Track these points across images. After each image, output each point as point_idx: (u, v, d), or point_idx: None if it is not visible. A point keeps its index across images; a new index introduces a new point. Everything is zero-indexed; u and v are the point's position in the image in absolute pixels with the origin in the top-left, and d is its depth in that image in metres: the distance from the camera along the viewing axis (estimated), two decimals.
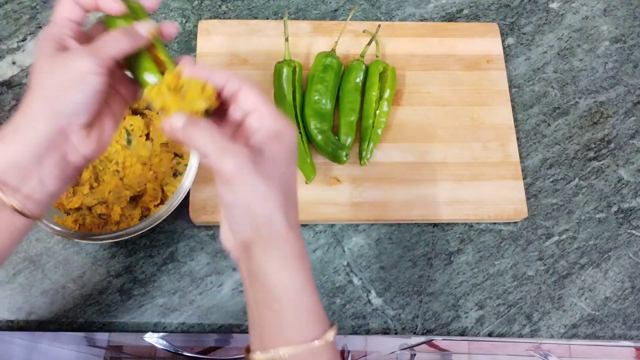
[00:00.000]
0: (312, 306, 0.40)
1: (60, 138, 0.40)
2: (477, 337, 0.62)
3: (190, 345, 1.28)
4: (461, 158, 0.68)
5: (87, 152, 0.42)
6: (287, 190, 0.40)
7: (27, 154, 0.39)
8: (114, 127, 0.45)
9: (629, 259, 0.66)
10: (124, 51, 0.41)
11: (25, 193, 0.40)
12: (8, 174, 0.39)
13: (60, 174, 0.41)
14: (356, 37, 0.73)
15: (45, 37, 0.41)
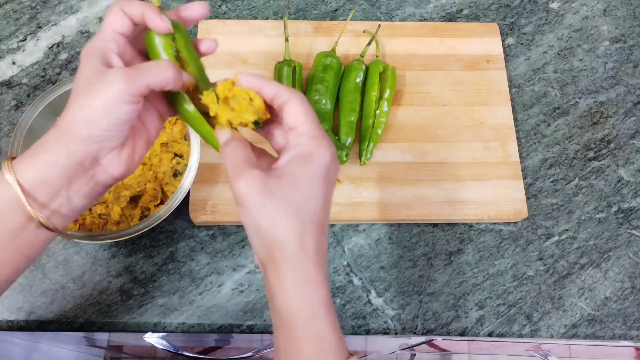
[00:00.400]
0: (327, 334, 0.39)
1: (91, 161, 0.40)
2: (477, 337, 0.62)
3: (190, 345, 1.29)
4: (461, 158, 0.68)
5: (116, 173, 0.42)
6: (307, 214, 0.39)
7: (58, 173, 0.39)
8: (146, 147, 0.44)
9: (629, 259, 0.66)
10: (162, 87, 0.40)
11: (52, 209, 0.40)
12: (37, 189, 0.39)
13: (88, 192, 0.41)
14: (356, 37, 0.73)
15: (90, 50, 0.40)
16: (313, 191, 0.39)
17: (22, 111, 0.67)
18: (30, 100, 0.68)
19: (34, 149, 0.40)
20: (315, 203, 0.39)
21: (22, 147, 0.58)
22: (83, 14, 0.74)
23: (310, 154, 0.39)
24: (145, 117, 0.44)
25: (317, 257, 0.40)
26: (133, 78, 0.38)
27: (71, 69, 0.70)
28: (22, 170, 0.39)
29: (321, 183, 0.40)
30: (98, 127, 0.39)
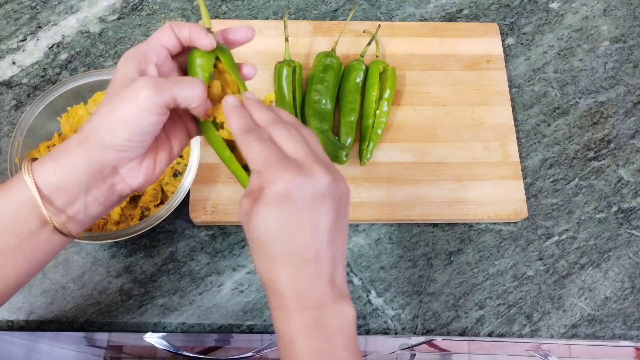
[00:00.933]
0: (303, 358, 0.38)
1: (110, 170, 0.40)
2: (477, 337, 0.62)
3: (190, 345, 1.29)
4: (461, 158, 0.68)
5: (134, 184, 0.42)
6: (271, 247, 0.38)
7: (76, 179, 0.39)
8: (168, 161, 0.44)
9: (629, 259, 0.66)
10: (188, 103, 0.40)
11: (68, 214, 0.40)
12: (55, 194, 0.39)
13: (105, 201, 0.41)
14: (356, 37, 0.73)
15: (130, 54, 0.40)
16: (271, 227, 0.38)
17: (22, 111, 0.68)
18: (30, 100, 0.68)
19: (55, 152, 0.40)
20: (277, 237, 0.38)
21: (22, 147, 0.58)
22: (83, 14, 0.74)
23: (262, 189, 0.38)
24: (171, 132, 0.44)
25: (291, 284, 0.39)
26: (161, 88, 0.38)
27: (71, 69, 0.70)
28: (42, 173, 0.39)
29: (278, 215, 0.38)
30: (121, 136, 0.38)
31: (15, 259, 0.39)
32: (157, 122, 0.39)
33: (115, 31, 0.73)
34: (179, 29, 0.42)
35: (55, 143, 0.61)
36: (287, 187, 0.37)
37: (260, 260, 0.39)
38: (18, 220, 0.38)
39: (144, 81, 0.38)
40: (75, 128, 0.62)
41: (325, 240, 0.39)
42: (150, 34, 0.73)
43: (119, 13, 0.74)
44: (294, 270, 0.39)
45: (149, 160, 0.42)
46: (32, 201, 0.38)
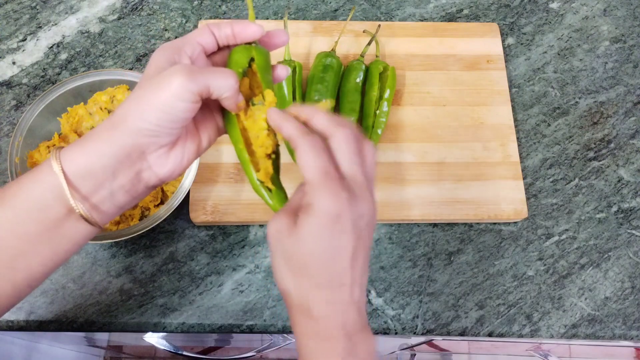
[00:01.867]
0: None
1: (138, 155, 0.39)
2: (477, 337, 0.62)
3: (190, 345, 1.29)
4: (461, 158, 0.68)
5: (162, 173, 0.41)
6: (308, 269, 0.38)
7: (103, 164, 0.38)
8: (195, 155, 0.43)
9: (629, 259, 0.66)
10: (220, 93, 0.39)
11: (93, 202, 0.39)
12: (81, 180, 0.38)
13: (131, 189, 0.40)
14: (356, 37, 0.73)
15: (164, 46, 0.40)
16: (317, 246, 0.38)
17: (22, 111, 0.68)
18: (30, 100, 0.68)
19: (83, 138, 0.39)
20: (322, 258, 0.38)
21: (22, 147, 0.58)
22: (83, 14, 0.74)
23: (310, 205, 0.38)
24: (202, 125, 0.44)
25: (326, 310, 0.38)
26: (195, 75, 0.38)
27: (71, 69, 0.70)
28: (69, 159, 0.38)
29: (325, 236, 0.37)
30: (152, 121, 0.38)
31: (40, 247, 0.39)
32: (189, 109, 0.38)
33: (115, 31, 0.73)
34: (219, 29, 0.42)
35: (55, 143, 0.61)
36: (340, 209, 0.37)
37: (299, 280, 0.38)
38: (44, 207, 0.38)
39: (178, 67, 0.38)
40: (75, 128, 0.62)
41: (360, 267, 0.39)
42: (151, 34, 0.73)
43: (119, 13, 0.74)
44: (330, 296, 0.38)
45: (178, 150, 0.41)
46: (59, 188, 0.38)
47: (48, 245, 0.39)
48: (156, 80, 0.38)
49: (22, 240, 0.38)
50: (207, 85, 0.38)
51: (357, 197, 0.38)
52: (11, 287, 0.39)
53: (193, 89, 0.37)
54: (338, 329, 0.38)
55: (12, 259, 0.38)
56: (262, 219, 0.63)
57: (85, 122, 0.62)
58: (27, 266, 0.39)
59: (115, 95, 0.62)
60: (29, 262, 0.39)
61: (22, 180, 0.39)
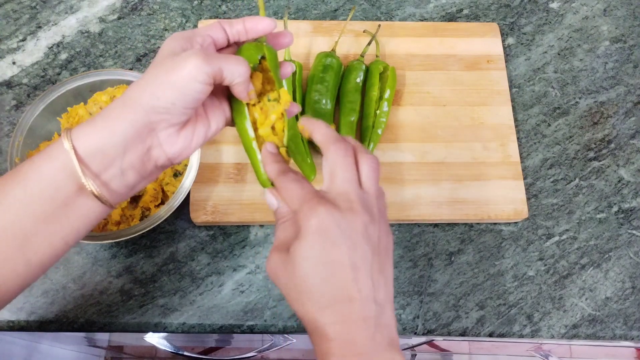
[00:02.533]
0: None
1: (148, 131, 0.40)
2: (478, 337, 0.62)
3: (190, 345, 1.29)
4: (461, 158, 0.68)
5: (171, 152, 0.42)
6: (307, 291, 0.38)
7: (114, 142, 0.39)
8: (204, 138, 0.44)
9: (630, 259, 0.66)
10: (232, 78, 0.40)
11: (103, 179, 0.39)
12: (92, 157, 0.38)
13: (141, 167, 0.41)
14: (356, 37, 0.73)
15: (176, 34, 0.41)
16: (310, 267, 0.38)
17: (22, 111, 0.68)
18: (30, 100, 0.68)
19: (95, 117, 0.40)
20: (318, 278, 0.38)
21: (22, 147, 0.58)
22: (83, 14, 0.74)
23: (299, 229, 0.39)
24: (210, 111, 0.44)
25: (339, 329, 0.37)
26: (211, 58, 0.39)
27: (71, 68, 0.70)
28: (80, 137, 0.38)
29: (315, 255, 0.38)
30: (166, 99, 0.38)
31: (52, 226, 0.39)
32: (202, 91, 0.39)
33: (115, 31, 0.73)
34: (230, 25, 0.43)
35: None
36: (323, 220, 0.38)
37: (305, 306, 0.38)
38: (55, 186, 0.38)
39: (195, 51, 0.39)
40: None
41: (367, 279, 0.38)
42: (151, 33, 0.73)
43: (119, 13, 0.74)
44: (340, 313, 0.37)
45: (188, 131, 0.42)
46: (70, 166, 0.38)
47: (59, 224, 0.39)
48: (171, 61, 0.39)
49: (34, 220, 0.38)
50: (221, 69, 0.39)
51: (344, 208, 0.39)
52: (24, 268, 0.39)
53: (208, 70, 0.38)
54: (352, 349, 0.37)
55: (24, 238, 0.38)
56: (262, 219, 0.63)
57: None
58: (40, 245, 0.39)
59: (115, 95, 0.62)
60: (42, 242, 0.39)
61: (33, 159, 0.39)
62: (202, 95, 0.40)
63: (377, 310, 0.38)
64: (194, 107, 0.40)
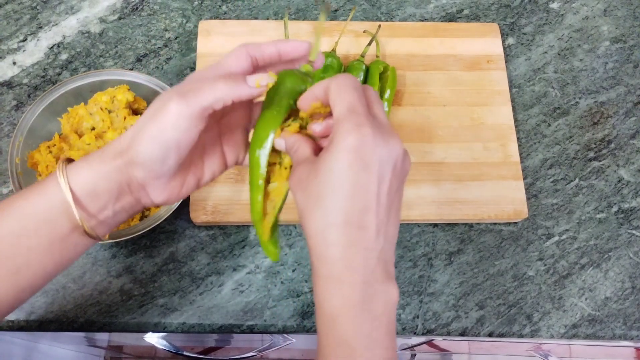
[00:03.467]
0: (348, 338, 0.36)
1: (136, 186, 0.40)
2: (478, 337, 0.62)
3: (190, 345, 1.29)
4: (461, 158, 0.68)
5: (157, 200, 0.42)
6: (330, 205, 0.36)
7: (108, 188, 0.39)
8: (195, 186, 0.43)
9: (630, 259, 0.66)
10: (219, 100, 0.38)
11: (99, 219, 0.41)
12: (87, 199, 0.39)
13: (130, 209, 0.42)
14: (356, 37, 0.73)
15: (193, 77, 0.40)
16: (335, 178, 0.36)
17: (23, 111, 0.68)
18: (30, 100, 0.68)
19: (91, 157, 0.40)
20: (339, 192, 0.35)
21: (22, 148, 0.58)
22: (83, 14, 0.74)
23: (331, 140, 0.36)
24: (208, 157, 0.44)
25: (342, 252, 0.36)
26: (189, 97, 0.37)
27: (71, 69, 0.70)
28: (76, 176, 0.39)
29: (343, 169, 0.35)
30: (149, 154, 0.38)
31: (44, 258, 0.40)
32: (186, 139, 0.38)
33: (115, 31, 0.73)
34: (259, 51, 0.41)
35: (55, 143, 0.61)
36: (361, 143, 0.35)
37: (317, 218, 0.36)
38: (50, 221, 0.39)
39: (172, 93, 0.38)
40: (75, 128, 0.62)
41: (384, 212, 0.37)
42: (151, 34, 0.73)
43: (119, 13, 0.74)
44: (348, 237, 0.36)
45: (177, 182, 0.42)
46: (65, 204, 0.39)
47: (51, 257, 0.40)
48: (153, 109, 0.38)
49: (27, 252, 0.39)
50: (202, 104, 0.37)
51: (386, 136, 0.36)
52: (14, 293, 0.40)
53: (190, 112, 0.37)
54: (353, 275, 0.36)
55: (16, 268, 0.39)
56: None
57: (85, 122, 0.62)
58: (31, 275, 0.40)
59: (115, 95, 0.62)
60: (33, 271, 0.40)
61: (28, 192, 0.40)
62: (187, 143, 0.38)
63: (384, 244, 0.37)
64: (180, 157, 0.39)
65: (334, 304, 0.36)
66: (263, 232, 0.43)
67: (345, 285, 0.36)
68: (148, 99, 0.64)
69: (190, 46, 0.72)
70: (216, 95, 0.38)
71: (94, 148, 0.61)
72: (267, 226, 0.43)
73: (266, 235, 0.43)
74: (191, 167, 0.43)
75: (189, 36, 0.73)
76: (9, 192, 0.63)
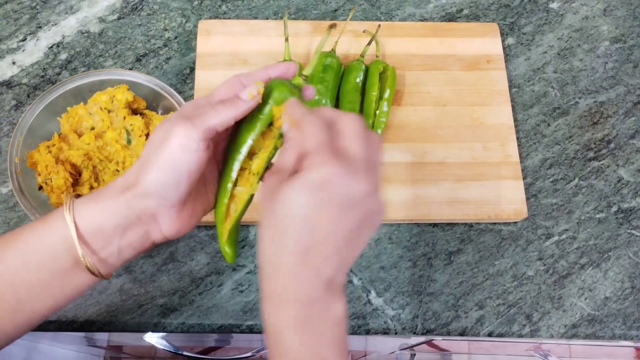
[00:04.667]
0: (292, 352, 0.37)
1: (148, 216, 0.40)
2: (477, 337, 0.62)
3: (190, 345, 1.29)
4: (461, 158, 0.68)
5: (168, 233, 0.42)
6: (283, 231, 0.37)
7: (115, 223, 0.39)
8: (203, 213, 0.43)
9: (629, 259, 0.66)
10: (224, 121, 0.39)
11: (101, 256, 0.40)
12: (92, 235, 0.39)
13: (138, 246, 0.41)
14: (356, 37, 0.73)
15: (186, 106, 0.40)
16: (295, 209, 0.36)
17: (22, 111, 0.67)
18: (30, 100, 0.68)
19: (98, 193, 0.40)
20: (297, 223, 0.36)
21: (22, 147, 0.58)
22: (83, 14, 0.74)
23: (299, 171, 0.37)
24: (209, 185, 0.44)
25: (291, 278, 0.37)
26: (195, 120, 0.38)
27: (71, 69, 0.70)
28: (83, 213, 0.39)
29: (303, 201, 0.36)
30: (158, 181, 0.38)
31: (45, 293, 0.40)
32: (196, 161, 0.38)
33: (115, 31, 0.73)
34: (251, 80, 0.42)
35: (55, 143, 0.61)
36: (331, 177, 0.35)
37: (269, 239, 0.37)
38: (53, 257, 0.39)
39: (174, 119, 0.38)
40: (75, 128, 0.62)
41: (340, 245, 0.37)
42: (151, 34, 0.73)
43: (119, 13, 0.74)
44: (298, 264, 0.37)
45: (187, 210, 0.42)
46: (69, 240, 0.39)
47: (52, 292, 0.40)
48: (157, 137, 0.38)
49: (28, 287, 0.39)
50: (210, 126, 0.38)
51: (354, 173, 0.36)
52: (12, 327, 0.41)
53: (197, 135, 0.38)
54: (296, 295, 0.37)
55: (17, 303, 0.39)
56: None
57: (85, 121, 0.62)
58: (30, 310, 0.40)
59: (115, 95, 0.62)
60: (32, 306, 0.40)
61: (34, 226, 0.40)
62: (197, 166, 0.39)
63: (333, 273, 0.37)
64: (191, 182, 0.39)
65: (279, 321, 0.38)
66: (222, 232, 0.44)
67: (290, 306, 0.37)
68: (148, 98, 0.64)
69: (189, 46, 0.72)
70: (220, 116, 0.39)
71: (94, 148, 0.61)
72: (227, 227, 0.44)
73: (224, 236, 0.44)
74: (198, 196, 0.43)
75: (188, 36, 0.73)
76: (8, 191, 0.63)
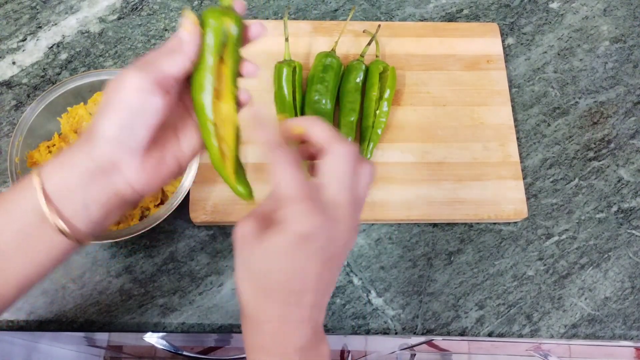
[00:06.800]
0: None
1: (109, 164, 0.39)
2: (477, 337, 0.62)
3: (190, 345, 1.29)
4: (461, 158, 0.68)
5: (136, 184, 0.40)
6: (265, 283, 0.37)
7: (76, 178, 0.38)
8: (176, 163, 0.42)
9: (629, 259, 0.66)
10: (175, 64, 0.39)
11: (68, 213, 0.39)
12: (56, 192, 0.38)
13: (106, 202, 0.40)
14: (356, 37, 0.73)
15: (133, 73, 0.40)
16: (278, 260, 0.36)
17: (22, 111, 0.68)
18: (30, 100, 0.68)
19: (64, 150, 0.40)
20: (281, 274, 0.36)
21: (22, 147, 0.58)
22: (83, 14, 0.74)
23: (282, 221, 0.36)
24: (182, 134, 0.43)
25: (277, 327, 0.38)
26: (146, 68, 0.38)
27: (71, 69, 0.70)
28: (48, 170, 0.39)
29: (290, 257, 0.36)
30: (114, 124, 0.38)
31: (20, 255, 0.39)
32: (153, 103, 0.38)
33: (115, 31, 0.73)
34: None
35: (55, 143, 0.61)
36: (314, 230, 0.35)
37: (252, 293, 0.38)
38: (21, 216, 0.39)
39: (127, 69, 0.38)
40: (75, 128, 0.62)
41: (323, 291, 0.38)
42: (151, 34, 0.73)
43: (119, 13, 0.74)
44: (284, 313, 0.37)
45: (154, 159, 0.40)
46: (35, 200, 0.38)
47: (27, 254, 0.39)
48: (113, 85, 0.38)
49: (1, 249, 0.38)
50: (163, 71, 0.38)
51: (334, 222, 0.37)
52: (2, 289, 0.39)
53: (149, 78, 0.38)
54: (287, 347, 0.38)
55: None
56: None
57: (85, 122, 0.62)
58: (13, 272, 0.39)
59: None
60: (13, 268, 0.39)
61: (4, 193, 0.40)
62: (154, 111, 0.38)
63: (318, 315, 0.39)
64: (149, 127, 0.39)
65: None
66: (228, 176, 0.42)
67: (280, 357, 0.38)
68: None
69: None
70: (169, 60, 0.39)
71: None
72: (229, 169, 0.42)
73: (232, 178, 0.42)
74: (167, 146, 0.41)
75: None
76: None
